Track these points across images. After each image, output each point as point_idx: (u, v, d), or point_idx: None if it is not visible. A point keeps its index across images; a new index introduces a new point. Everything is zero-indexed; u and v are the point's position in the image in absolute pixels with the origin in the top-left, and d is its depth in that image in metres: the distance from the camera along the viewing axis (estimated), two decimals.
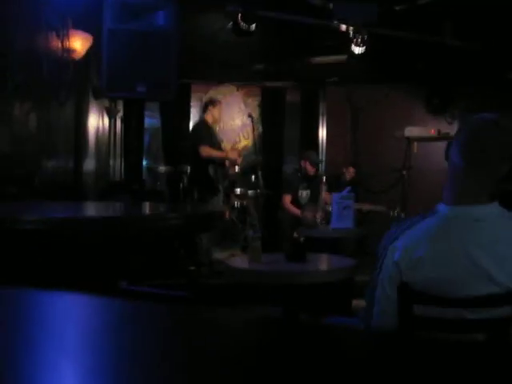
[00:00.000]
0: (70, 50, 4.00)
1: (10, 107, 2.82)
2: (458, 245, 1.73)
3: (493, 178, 1.79)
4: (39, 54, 3.44)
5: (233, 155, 6.56)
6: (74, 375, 0.47)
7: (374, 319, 1.88)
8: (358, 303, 5.64)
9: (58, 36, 3.75)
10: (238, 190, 7.59)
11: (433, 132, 8.56)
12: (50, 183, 3.55)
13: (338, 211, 5.03)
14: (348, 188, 5.37)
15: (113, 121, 7.03)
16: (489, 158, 1.77)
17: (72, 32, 4.02)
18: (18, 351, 0.50)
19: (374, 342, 0.62)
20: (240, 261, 3.16)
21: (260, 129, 8.30)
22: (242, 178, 8.04)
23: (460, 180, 1.81)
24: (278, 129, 9.08)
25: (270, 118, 8.95)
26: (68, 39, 3.94)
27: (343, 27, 5.70)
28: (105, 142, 6.73)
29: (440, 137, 8.57)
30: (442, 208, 1.81)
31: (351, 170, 8.09)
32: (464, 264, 1.71)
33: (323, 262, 3.17)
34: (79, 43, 4.12)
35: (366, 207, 6.97)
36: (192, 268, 6.08)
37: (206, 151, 6.35)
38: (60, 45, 3.80)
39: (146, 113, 8.28)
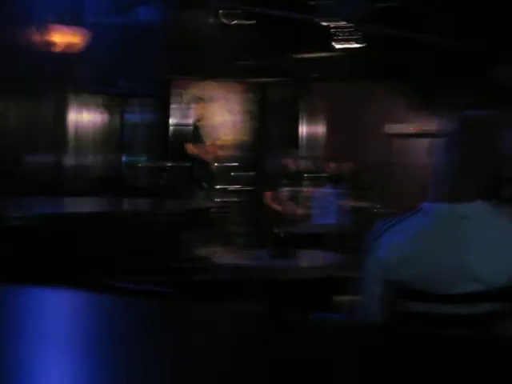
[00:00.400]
0: (50, 44, 3.94)
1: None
2: (444, 242, 1.73)
3: (479, 175, 1.79)
4: (20, 47, 3.38)
5: (213, 149, 6.50)
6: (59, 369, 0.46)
7: (359, 316, 1.88)
8: (340, 299, 5.67)
9: (38, 29, 3.68)
10: (219, 186, 7.58)
11: (414, 129, 8.63)
12: (30, 178, 3.49)
13: (321, 207, 5.04)
14: (331, 184, 5.37)
15: (94, 115, 6.95)
16: (474, 154, 1.78)
17: (53, 25, 3.95)
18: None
19: (360, 337, 0.62)
20: (226, 257, 3.14)
21: (243, 125, 8.27)
22: (224, 174, 8.03)
23: (445, 177, 1.81)
24: (260, 125, 9.05)
25: (252, 114, 8.92)
26: (49, 32, 3.87)
27: (329, 23, 5.69)
28: (84, 138, 6.65)
29: (421, 133, 8.64)
30: (427, 206, 1.81)
31: (332, 165, 8.11)
32: (450, 262, 1.72)
33: (309, 258, 3.16)
34: (60, 37, 4.05)
35: (348, 203, 6.98)
36: (173, 264, 6.03)
37: (192, 149, 6.31)
38: (40, 38, 3.74)
39: (126, 108, 8.20)
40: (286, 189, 6.57)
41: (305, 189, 5.66)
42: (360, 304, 1.86)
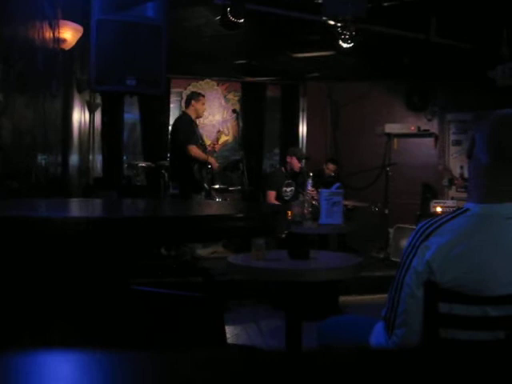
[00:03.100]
0: (60, 41, 3.87)
1: (12, 98, 2.70)
2: (489, 244, 1.71)
3: None
4: (35, 43, 3.31)
5: (212, 161, 6.40)
6: None
7: (398, 318, 1.84)
8: (345, 300, 5.66)
9: (50, 26, 3.61)
10: (218, 186, 7.53)
11: (413, 129, 8.64)
12: (43, 178, 3.43)
13: (327, 207, 5.00)
14: (337, 184, 5.34)
15: (92, 115, 6.89)
16: None
17: (62, 22, 3.89)
18: None
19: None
20: (242, 258, 3.09)
21: (240, 124, 8.24)
22: (224, 174, 7.98)
23: (487, 177, 1.79)
24: (258, 124, 9.02)
25: (250, 114, 8.89)
26: (58, 29, 3.81)
27: (331, 22, 5.66)
28: (86, 137, 6.58)
29: (420, 133, 8.67)
30: (471, 206, 1.78)
31: (330, 166, 8.10)
32: (495, 263, 1.70)
33: (328, 260, 3.12)
34: (69, 34, 3.99)
35: (349, 203, 6.97)
36: (175, 266, 5.99)
37: (194, 151, 6.24)
38: (52, 35, 3.67)
39: (125, 108, 8.15)
40: (289, 188, 6.53)
41: (309, 188, 5.61)
42: (400, 307, 1.82)
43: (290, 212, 4.78)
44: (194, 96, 6.64)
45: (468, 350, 0.53)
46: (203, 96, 6.71)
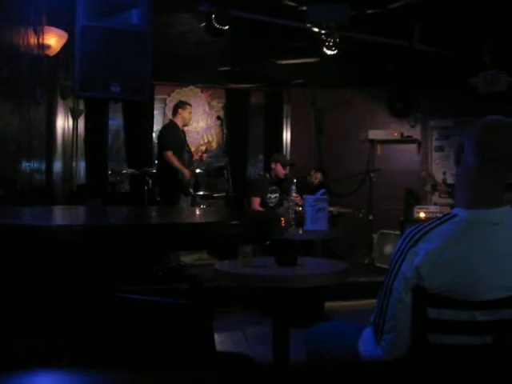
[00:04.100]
0: (44, 47, 3.84)
1: None
2: (477, 249, 1.73)
3: (505, 179, 1.79)
4: (19, 49, 3.28)
5: (188, 176, 6.35)
6: None
7: (387, 324, 1.85)
8: (331, 305, 5.67)
9: (35, 32, 3.59)
10: (202, 192, 7.52)
11: (396, 135, 8.71)
12: (28, 186, 3.40)
13: (312, 213, 5.01)
14: (322, 190, 5.35)
15: (76, 122, 6.85)
16: (503, 158, 1.77)
17: (46, 28, 3.86)
18: None
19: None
20: (229, 264, 3.08)
21: (225, 131, 8.24)
22: (208, 181, 7.97)
23: (475, 182, 1.80)
24: (242, 131, 9.03)
25: (235, 120, 8.89)
26: (43, 35, 3.78)
27: (315, 29, 5.68)
28: (69, 144, 6.54)
29: (403, 139, 8.74)
30: (459, 212, 1.80)
31: (318, 175, 8.11)
32: (483, 268, 1.71)
33: (315, 266, 3.13)
34: (54, 40, 3.96)
35: (334, 210, 6.99)
36: (160, 273, 5.96)
37: (169, 157, 6.23)
38: (36, 41, 3.64)
39: (110, 114, 8.12)
40: (274, 195, 6.53)
41: (294, 194, 5.61)
42: (389, 313, 1.83)
43: (283, 219, 4.79)
44: (181, 105, 6.66)
45: (456, 355, 0.53)
46: (190, 105, 6.72)
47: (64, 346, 1.39)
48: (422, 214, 6.79)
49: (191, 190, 6.40)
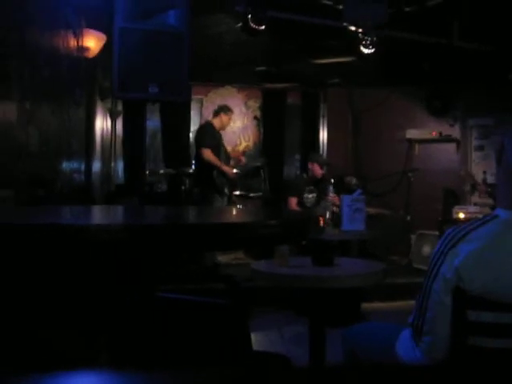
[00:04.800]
0: (83, 49, 3.91)
1: (38, 106, 2.73)
2: None
3: None
4: (59, 51, 3.35)
5: (229, 171, 6.42)
6: None
7: (426, 326, 1.82)
8: (367, 306, 5.62)
9: (74, 34, 3.65)
10: (239, 192, 7.53)
11: (434, 134, 8.58)
12: (67, 185, 3.46)
13: (349, 213, 4.98)
14: (359, 190, 5.32)
15: (114, 122, 6.95)
16: None
17: (85, 31, 3.92)
18: None
19: None
20: (265, 264, 3.08)
21: (261, 131, 8.24)
22: (244, 181, 7.98)
23: None
24: (279, 131, 9.02)
25: (271, 120, 8.89)
26: (82, 38, 3.84)
27: (352, 28, 5.64)
28: (108, 144, 6.63)
29: (441, 139, 8.60)
30: (500, 213, 1.76)
31: (354, 180, 8.04)
32: None
33: (352, 266, 3.11)
34: (93, 42, 4.02)
35: (371, 210, 6.93)
36: (197, 272, 6.00)
37: (207, 154, 6.27)
38: (75, 43, 3.71)
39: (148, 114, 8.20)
40: (311, 195, 6.51)
41: (331, 194, 5.59)
42: (428, 314, 1.80)
43: (322, 218, 4.77)
44: (225, 109, 6.73)
45: (497, 358, 0.52)
46: (232, 112, 6.81)
47: (103, 344, 1.41)
48: (462, 215, 6.69)
49: (226, 191, 6.43)
